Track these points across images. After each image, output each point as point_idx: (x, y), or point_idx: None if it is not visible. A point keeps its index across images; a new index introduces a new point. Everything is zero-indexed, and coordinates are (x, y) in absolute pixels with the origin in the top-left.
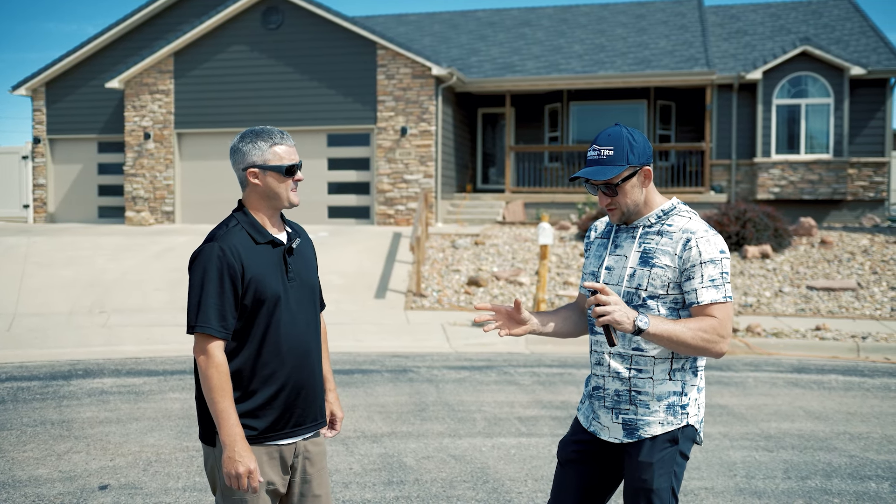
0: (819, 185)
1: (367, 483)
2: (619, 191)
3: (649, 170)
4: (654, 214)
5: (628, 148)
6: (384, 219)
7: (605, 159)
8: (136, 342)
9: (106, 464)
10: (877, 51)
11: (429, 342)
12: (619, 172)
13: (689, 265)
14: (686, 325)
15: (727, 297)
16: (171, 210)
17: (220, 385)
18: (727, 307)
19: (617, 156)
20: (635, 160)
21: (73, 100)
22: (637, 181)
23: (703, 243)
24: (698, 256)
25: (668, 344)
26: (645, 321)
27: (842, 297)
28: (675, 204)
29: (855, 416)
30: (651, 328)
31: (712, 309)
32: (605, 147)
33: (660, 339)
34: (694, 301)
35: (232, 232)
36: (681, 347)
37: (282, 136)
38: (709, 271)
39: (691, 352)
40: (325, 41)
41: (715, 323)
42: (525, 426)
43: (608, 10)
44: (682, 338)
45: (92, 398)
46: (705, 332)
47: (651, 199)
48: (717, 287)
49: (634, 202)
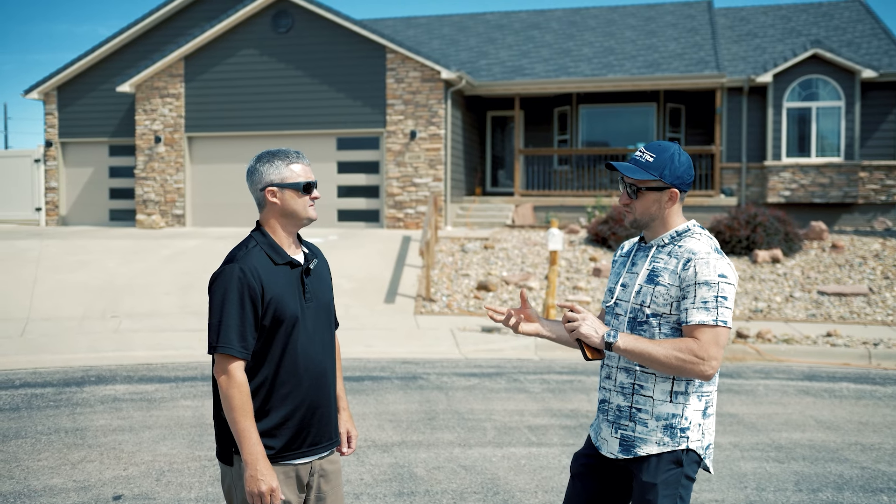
0: (830, 188)
1: (377, 494)
2: (640, 196)
3: (677, 193)
4: (668, 235)
5: (668, 163)
6: (393, 222)
7: (643, 163)
8: (148, 347)
9: (119, 473)
10: (888, 53)
11: (438, 347)
12: (647, 179)
13: (685, 284)
14: (661, 344)
15: (718, 321)
16: (181, 213)
17: (241, 405)
18: (717, 332)
19: (655, 164)
20: (668, 177)
21: (84, 103)
22: (661, 197)
23: (700, 265)
24: (694, 277)
25: (640, 360)
26: (613, 335)
27: (853, 302)
28: (690, 226)
29: (867, 426)
30: (620, 342)
31: (698, 331)
32: (649, 153)
33: (631, 354)
34: (684, 321)
35: (251, 253)
36: (655, 365)
37: (298, 155)
38: (702, 293)
39: (667, 371)
40: (334, 45)
41: (694, 345)
42: (535, 435)
43: (617, 12)
44: (654, 355)
45: (105, 405)
46: (681, 352)
47: (671, 220)
48: (707, 309)
49: (649, 215)
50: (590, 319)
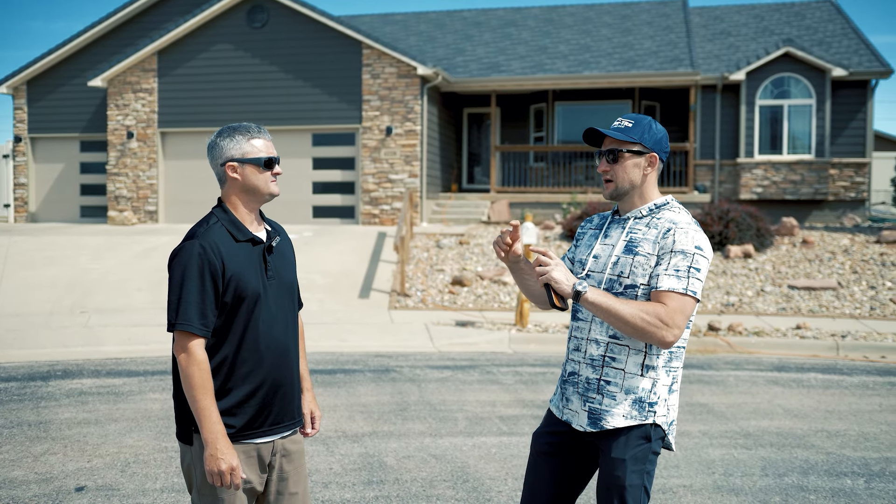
0: (801, 185)
1: (346, 483)
2: (620, 162)
3: (656, 158)
4: (646, 207)
5: (646, 129)
6: (369, 218)
7: (623, 128)
8: (117, 342)
9: (83, 465)
10: (858, 52)
11: (412, 342)
12: (627, 141)
13: (661, 252)
14: (628, 304)
15: (688, 290)
16: (154, 210)
17: (201, 383)
18: (685, 300)
19: (633, 129)
20: (648, 141)
21: (55, 98)
22: (641, 162)
23: (679, 234)
24: (671, 245)
25: (605, 316)
26: (584, 286)
27: (822, 296)
28: (668, 200)
29: (833, 414)
30: (589, 294)
31: (666, 296)
32: (627, 120)
33: (597, 308)
34: (654, 286)
35: (212, 229)
36: (619, 324)
37: (259, 130)
38: (676, 260)
39: (631, 332)
40: (310, 40)
41: (661, 310)
42: (506, 425)
43: (593, 10)
44: (621, 312)
45: (70, 399)
46: (647, 314)
47: (648, 192)
48: (679, 277)
49: (631, 181)
50: (562, 267)
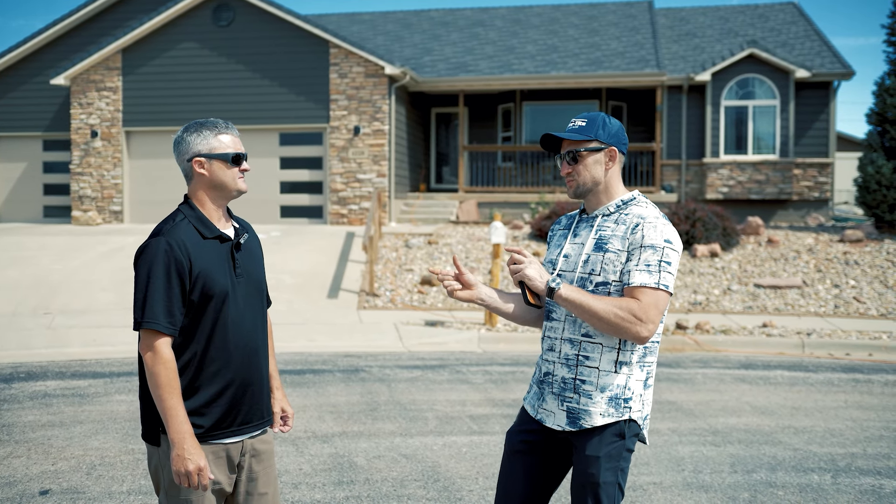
0: (766, 185)
1: (316, 483)
2: (581, 161)
3: (615, 152)
4: (613, 204)
5: (600, 125)
6: (337, 218)
7: (577, 128)
8: (82, 344)
9: (48, 468)
10: (821, 54)
11: (382, 342)
12: (583, 139)
13: (631, 248)
14: (602, 300)
15: (660, 284)
16: (119, 210)
17: (167, 382)
18: (658, 295)
19: (588, 127)
20: (604, 136)
21: (16, 96)
22: (601, 158)
23: (648, 228)
24: (640, 240)
25: (579, 313)
26: (557, 282)
27: (788, 294)
28: (635, 195)
29: (799, 411)
30: (563, 290)
31: (639, 291)
32: (580, 119)
33: (571, 304)
34: (626, 282)
35: (179, 226)
36: (594, 320)
37: (226, 125)
38: (646, 255)
39: (605, 328)
40: (277, 39)
41: (634, 305)
42: (477, 424)
43: (560, 11)
44: (594, 308)
45: (34, 401)
46: (621, 309)
47: (613, 188)
48: (650, 272)
49: (594, 179)
50: (536, 264)
